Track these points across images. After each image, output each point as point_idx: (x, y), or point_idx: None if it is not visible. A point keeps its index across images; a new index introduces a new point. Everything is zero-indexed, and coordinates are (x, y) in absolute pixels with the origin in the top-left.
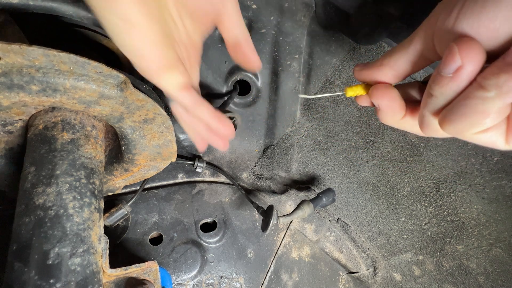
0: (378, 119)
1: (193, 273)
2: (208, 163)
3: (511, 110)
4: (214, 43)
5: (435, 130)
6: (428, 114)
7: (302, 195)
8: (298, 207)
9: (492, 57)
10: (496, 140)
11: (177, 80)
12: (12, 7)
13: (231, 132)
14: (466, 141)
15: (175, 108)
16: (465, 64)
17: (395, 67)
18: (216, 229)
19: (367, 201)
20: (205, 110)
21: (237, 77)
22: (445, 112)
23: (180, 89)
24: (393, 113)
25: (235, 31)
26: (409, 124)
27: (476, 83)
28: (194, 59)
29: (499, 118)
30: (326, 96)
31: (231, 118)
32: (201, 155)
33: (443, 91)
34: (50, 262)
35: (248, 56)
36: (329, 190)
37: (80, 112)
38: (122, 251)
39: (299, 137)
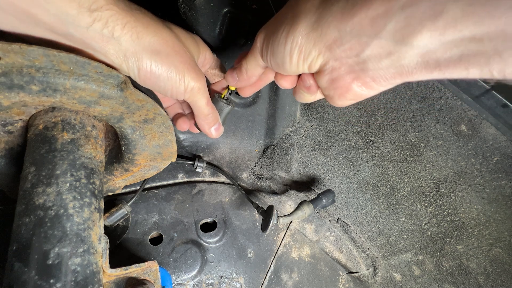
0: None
1: (193, 273)
2: (208, 163)
3: (315, 88)
4: (213, 43)
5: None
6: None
7: (302, 196)
8: (298, 207)
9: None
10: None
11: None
12: None
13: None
14: (466, 141)
15: None
16: (280, 83)
17: (254, 75)
18: (216, 229)
19: (367, 201)
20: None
21: None
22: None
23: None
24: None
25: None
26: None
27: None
28: None
29: (315, 94)
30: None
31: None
32: (201, 155)
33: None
34: (50, 262)
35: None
36: (329, 191)
37: (80, 112)
38: (122, 251)
39: (299, 137)
